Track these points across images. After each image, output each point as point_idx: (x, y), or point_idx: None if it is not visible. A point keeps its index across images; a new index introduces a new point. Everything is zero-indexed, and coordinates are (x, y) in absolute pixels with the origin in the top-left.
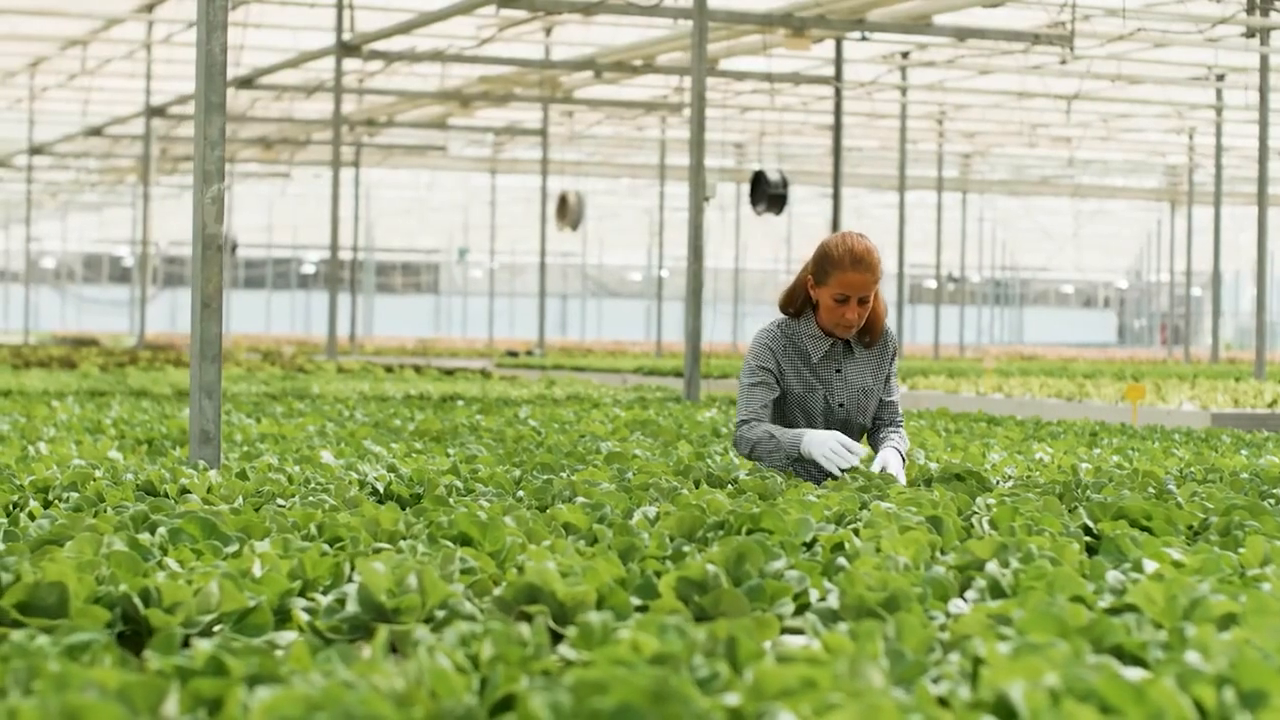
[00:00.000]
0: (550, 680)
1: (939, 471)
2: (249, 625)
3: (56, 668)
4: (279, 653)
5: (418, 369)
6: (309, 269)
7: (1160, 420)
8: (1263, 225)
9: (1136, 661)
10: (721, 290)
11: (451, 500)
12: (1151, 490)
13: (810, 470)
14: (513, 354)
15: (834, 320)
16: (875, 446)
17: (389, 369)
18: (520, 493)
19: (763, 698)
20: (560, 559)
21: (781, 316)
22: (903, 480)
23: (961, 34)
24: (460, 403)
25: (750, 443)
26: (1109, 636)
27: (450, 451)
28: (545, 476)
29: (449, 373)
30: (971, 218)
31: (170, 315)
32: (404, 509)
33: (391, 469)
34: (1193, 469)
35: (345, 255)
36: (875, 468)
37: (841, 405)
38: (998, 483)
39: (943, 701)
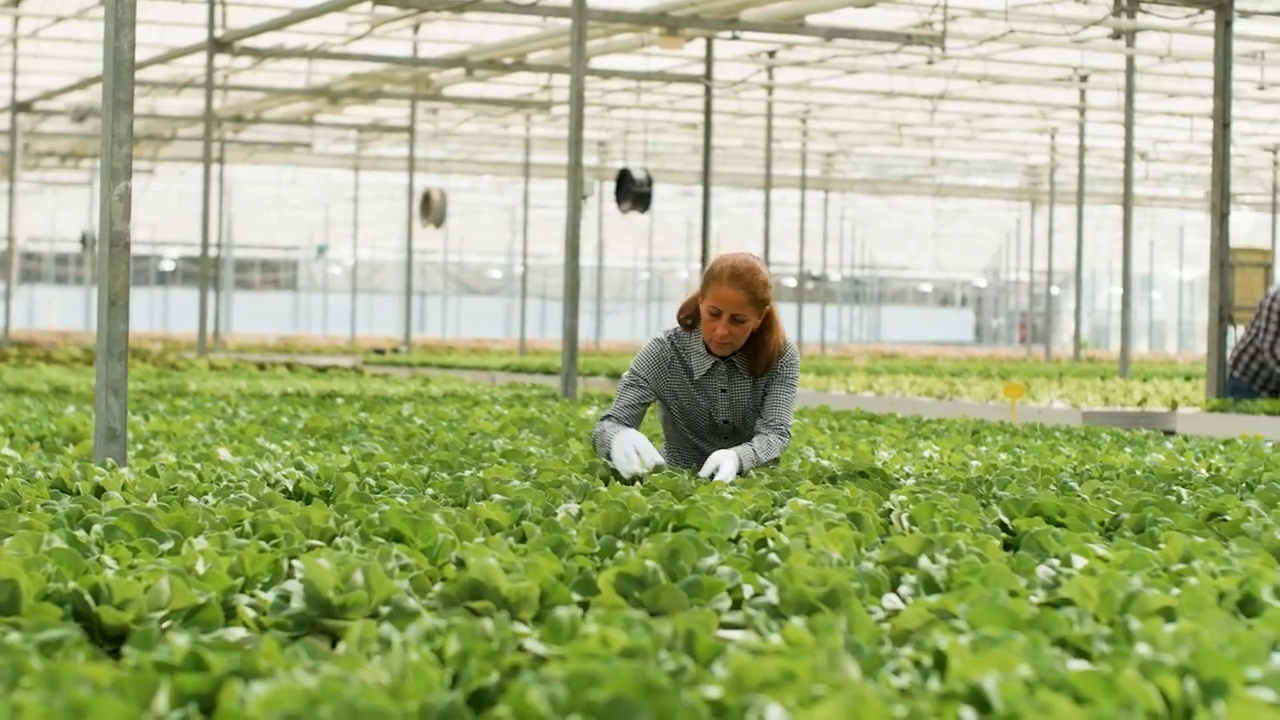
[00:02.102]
0: (543, 674)
1: (840, 469)
2: (199, 622)
3: (39, 664)
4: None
5: (290, 366)
6: (168, 265)
7: (1032, 418)
8: (1128, 225)
9: (1081, 654)
10: (584, 288)
11: (376, 498)
12: (1053, 487)
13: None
14: (379, 351)
15: (708, 334)
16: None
17: (261, 366)
18: (430, 490)
19: (744, 690)
20: (500, 556)
21: (677, 325)
22: (727, 480)
23: (834, 34)
24: (340, 400)
25: (595, 434)
26: (1053, 630)
27: (345, 449)
28: (457, 474)
29: (321, 370)
30: (833, 216)
31: (28, 312)
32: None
33: (299, 466)
34: (1088, 466)
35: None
36: (705, 471)
37: (727, 421)
38: (899, 480)
39: (904, 694)
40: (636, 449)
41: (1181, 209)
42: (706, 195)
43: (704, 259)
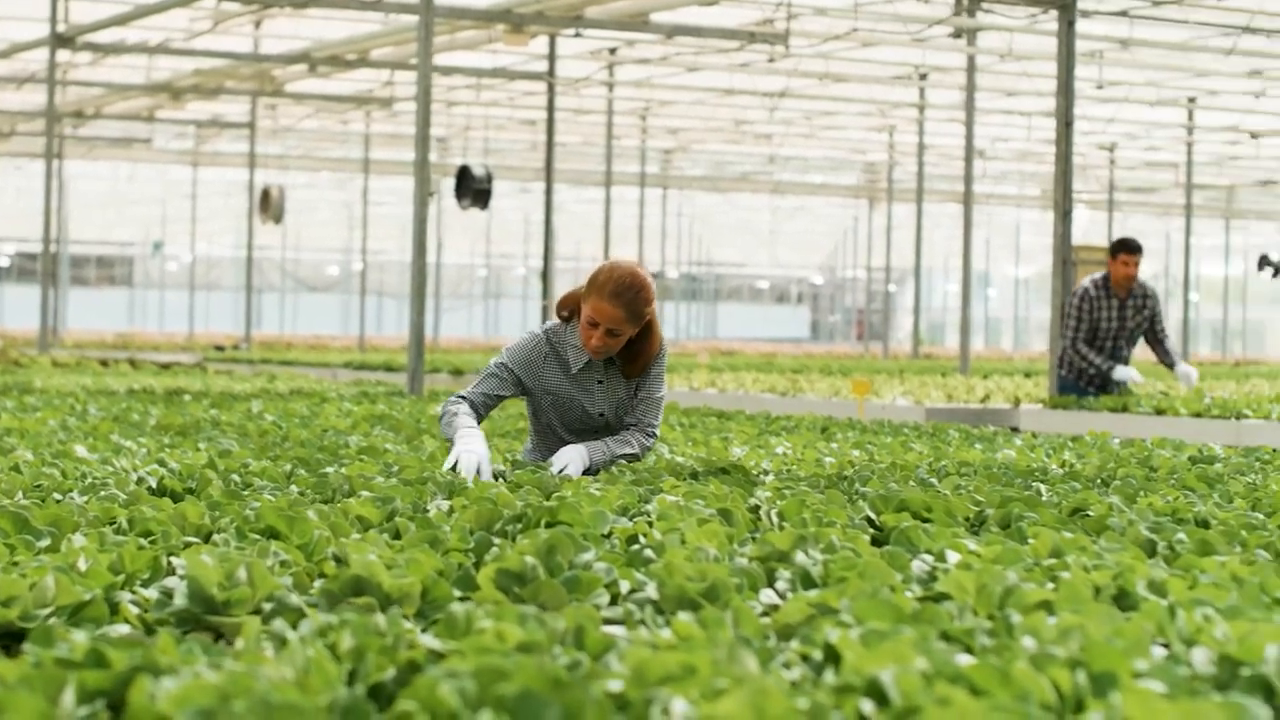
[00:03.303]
0: (451, 668)
1: (699, 466)
2: (85, 619)
3: None
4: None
5: (133, 363)
6: (2, 261)
7: (876, 414)
8: (968, 222)
9: (965, 648)
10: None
11: (245, 495)
12: (913, 483)
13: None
14: (219, 348)
15: (584, 340)
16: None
17: (104, 363)
18: (294, 487)
19: (645, 685)
20: (380, 552)
21: (556, 320)
22: (573, 476)
23: (678, 31)
24: (188, 397)
25: (441, 415)
26: (935, 624)
27: (201, 446)
28: (319, 471)
29: (165, 367)
30: (671, 213)
31: None
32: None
33: (162, 463)
34: (944, 463)
35: (39, 248)
36: (555, 468)
37: (601, 414)
38: (759, 476)
39: (796, 687)
40: (479, 466)
41: (1018, 207)
42: (549, 193)
43: (547, 256)
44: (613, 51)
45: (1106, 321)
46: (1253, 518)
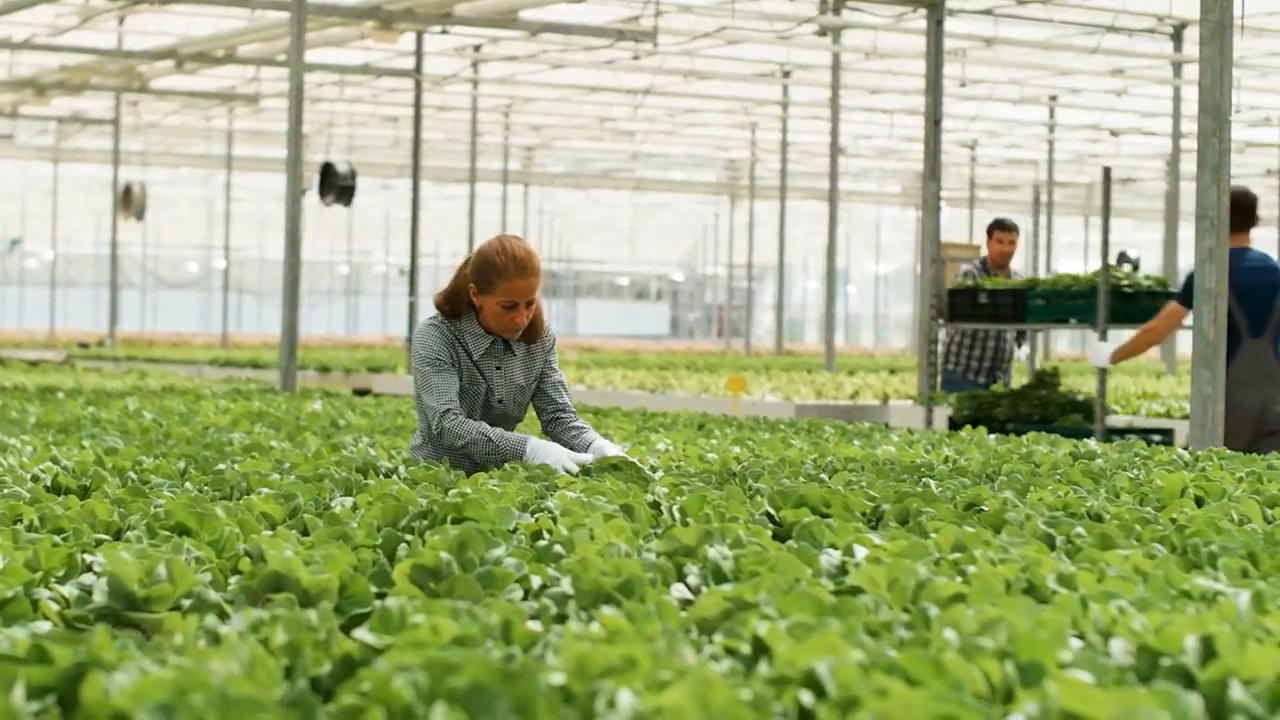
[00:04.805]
0: (404, 662)
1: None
2: (8, 616)
3: None
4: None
5: (0, 360)
6: None
7: (747, 411)
8: (833, 219)
9: (888, 642)
10: (281, 282)
11: (150, 492)
12: (803, 478)
13: (465, 463)
14: (84, 345)
15: (502, 325)
16: (570, 442)
17: None
18: (189, 484)
19: (587, 677)
20: (295, 548)
21: (436, 314)
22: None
23: (547, 29)
24: (62, 394)
25: (462, 439)
26: (855, 616)
27: (85, 443)
28: (212, 469)
29: (33, 364)
30: (532, 210)
31: None
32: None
33: (55, 460)
34: (830, 459)
35: None
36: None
37: (500, 401)
38: (649, 472)
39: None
40: (574, 459)
41: (878, 204)
42: (415, 190)
43: (413, 254)
44: (477, 49)
45: None
46: (1144, 512)
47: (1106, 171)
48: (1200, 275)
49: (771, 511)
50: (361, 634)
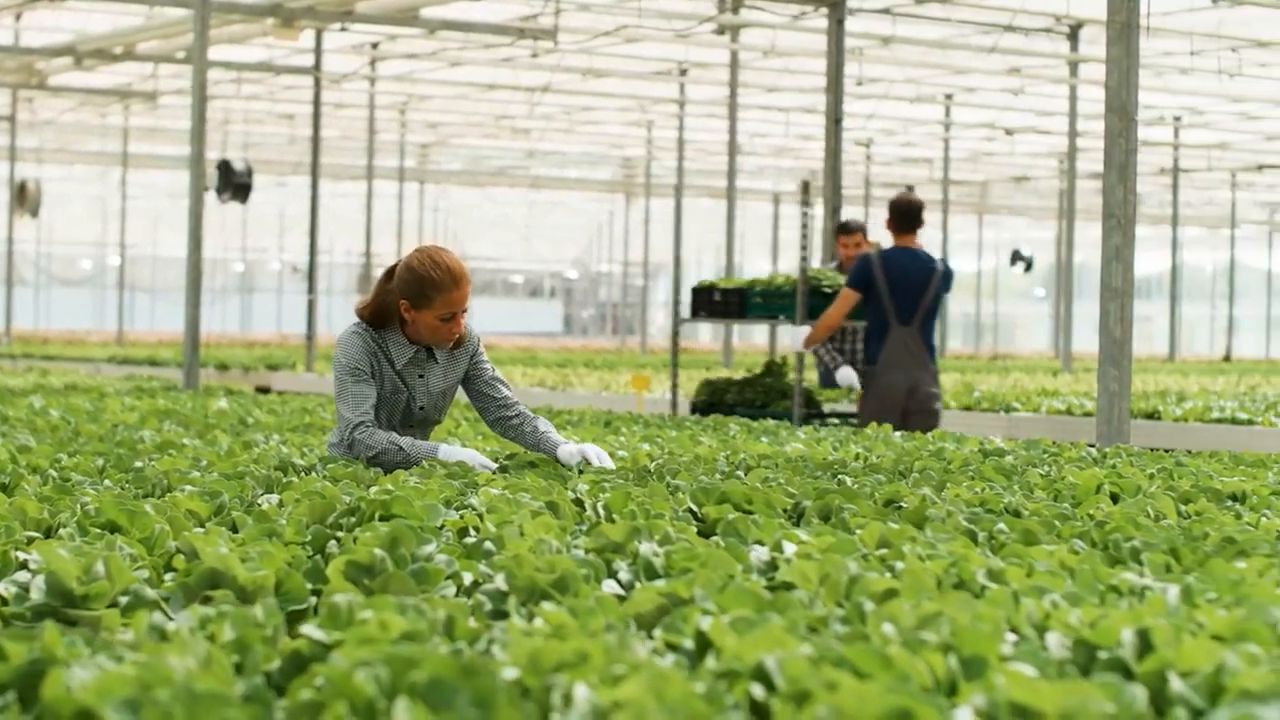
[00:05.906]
0: (365, 657)
1: (504, 458)
2: None
3: None
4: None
5: None
6: None
7: (649, 409)
8: (731, 217)
9: (826, 636)
10: (175, 279)
11: (74, 490)
12: (719, 475)
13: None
14: None
15: (440, 336)
16: (527, 441)
17: None
18: (106, 481)
19: (541, 671)
20: (230, 545)
21: (357, 321)
22: (610, 463)
23: (447, 27)
24: None
25: (373, 450)
26: (793, 611)
27: None
28: (131, 466)
29: None
30: (428, 208)
31: None
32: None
33: None
34: (743, 455)
35: None
36: (572, 461)
37: (422, 408)
38: (567, 469)
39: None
40: (480, 462)
41: (773, 202)
42: (315, 188)
43: (312, 251)
44: (375, 46)
45: None
46: (1061, 508)
47: (804, 185)
48: (1106, 274)
49: (694, 508)
50: (310, 630)
